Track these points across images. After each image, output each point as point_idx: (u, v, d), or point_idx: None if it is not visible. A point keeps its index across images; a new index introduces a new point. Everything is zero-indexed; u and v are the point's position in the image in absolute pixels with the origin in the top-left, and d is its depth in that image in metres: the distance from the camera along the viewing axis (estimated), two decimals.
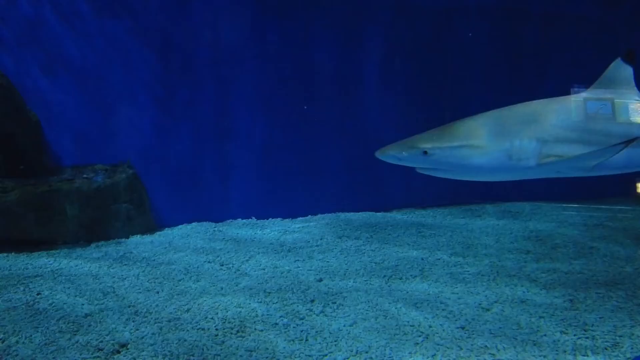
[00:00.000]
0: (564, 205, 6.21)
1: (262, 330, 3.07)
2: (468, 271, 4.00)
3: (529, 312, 3.21)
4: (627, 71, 3.44)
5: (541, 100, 3.39)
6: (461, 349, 2.76)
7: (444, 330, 3.00)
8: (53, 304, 3.49)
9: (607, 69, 3.44)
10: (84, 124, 5.89)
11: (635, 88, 3.49)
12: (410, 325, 3.07)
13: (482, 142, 3.06)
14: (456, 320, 3.12)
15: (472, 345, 2.79)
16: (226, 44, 6.03)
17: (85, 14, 5.78)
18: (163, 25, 5.83)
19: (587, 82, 3.52)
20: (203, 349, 2.85)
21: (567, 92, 3.54)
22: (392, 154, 3.18)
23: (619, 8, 6.68)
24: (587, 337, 2.84)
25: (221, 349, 2.86)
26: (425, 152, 3.06)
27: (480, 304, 3.36)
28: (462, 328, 3.02)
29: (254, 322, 3.17)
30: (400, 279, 3.89)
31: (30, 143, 5.80)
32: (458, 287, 3.67)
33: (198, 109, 5.93)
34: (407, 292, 3.60)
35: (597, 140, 3.14)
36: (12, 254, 4.71)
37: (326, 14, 6.17)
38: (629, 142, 2.95)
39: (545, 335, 2.89)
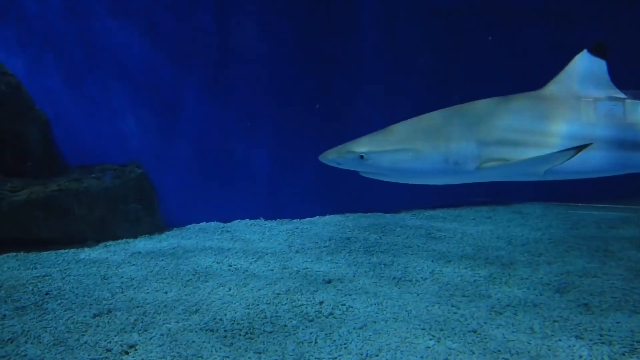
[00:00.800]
0: (576, 206, 6.13)
1: (270, 332, 3.03)
2: (479, 274, 3.94)
3: (542, 316, 3.15)
4: (598, 65, 3.12)
5: (484, 99, 3.13)
6: (474, 353, 2.70)
7: (455, 334, 2.95)
8: (62, 304, 3.48)
9: (570, 63, 3.12)
10: (93, 123, 5.90)
11: (612, 83, 3.16)
12: (422, 329, 3.02)
13: (418, 146, 2.87)
14: (468, 324, 3.07)
15: (484, 349, 2.74)
16: (233, 43, 6.01)
17: (95, 14, 5.79)
18: (171, 25, 5.82)
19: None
20: (212, 351, 2.82)
21: None
22: (332, 159, 3.03)
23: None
24: (603, 342, 2.77)
25: (230, 351, 2.83)
26: (361, 157, 2.92)
27: (492, 308, 3.30)
28: (474, 332, 2.97)
29: (263, 323, 3.14)
30: (410, 281, 3.84)
31: (39, 142, 5.81)
32: (469, 290, 3.62)
33: (206, 109, 5.92)
34: (418, 295, 3.55)
35: (548, 143, 2.87)
36: (21, 253, 4.72)
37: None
38: (581, 147, 2.68)
39: (560, 340, 2.83)
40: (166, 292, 3.66)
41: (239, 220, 5.92)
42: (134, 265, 4.31)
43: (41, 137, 5.89)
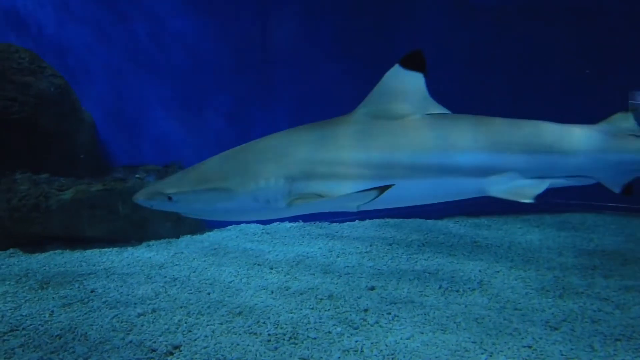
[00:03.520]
0: (630, 216, 5.81)
1: (315, 338, 2.96)
2: (531, 286, 3.76)
3: (603, 334, 2.97)
4: (413, 79, 2.78)
5: (295, 128, 2.88)
6: None
7: (509, 348, 2.81)
8: (106, 302, 3.50)
9: (381, 81, 2.80)
10: (137, 124, 6.00)
11: (431, 99, 2.84)
12: (472, 342, 2.89)
13: (227, 184, 2.63)
14: (522, 339, 2.92)
15: None
16: (276, 45, 6.01)
17: (137, 17, 5.90)
18: (215, 28, 5.87)
19: None
20: (256, 355, 2.78)
21: None
22: (142, 200, 2.79)
23: None
24: None
25: (274, 355, 2.77)
26: (170, 198, 2.69)
27: (547, 322, 3.13)
28: (529, 347, 2.82)
29: (307, 329, 3.07)
30: (457, 291, 3.70)
31: (85, 143, 5.94)
32: (521, 303, 3.45)
33: (247, 110, 5.93)
34: (466, 306, 3.41)
35: (356, 174, 2.64)
36: (67, 250, 4.81)
37: None
38: (384, 188, 2.45)
39: None
40: (209, 293, 3.65)
41: (278, 222, 5.88)
42: (176, 265, 4.32)
43: (87, 137, 6.02)
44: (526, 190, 2.85)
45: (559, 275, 3.98)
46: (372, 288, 3.76)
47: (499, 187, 2.85)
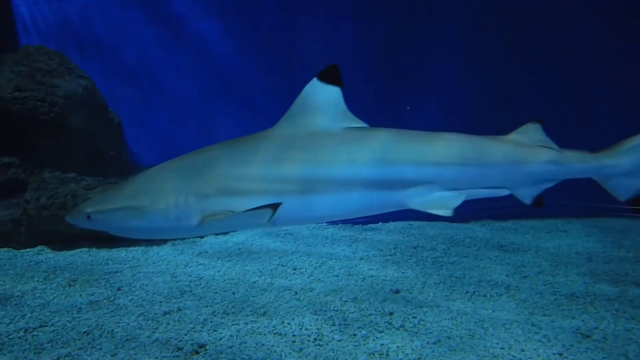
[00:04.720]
0: None
1: (340, 341, 2.95)
2: (560, 292, 3.67)
3: (637, 343, 2.87)
4: (331, 93, 2.76)
5: (215, 145, 2.86)
6: None
7: (538, 355, 2.75)
8: (132, 300, 3.54)
9: (300, 95, 2.80)
10: (162, 125, 6.06)
11: (349, 112, 2.83)
12: (501, 348, 2.83)
13: (140, 203, 2.62)
14: (552, 346, 2.85)
15: None
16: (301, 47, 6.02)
17: (169, 20, 5.97)
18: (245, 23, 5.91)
19: None
20: (281, 355, 2.77)
21: None
22: (69, 220, 2.80)
23: None
24: None
25: (299, 357, 2.77)
26: (88, 217, 2.68)
27: (578, 329, 3.05)
28: (560, 354, 2.75)
29: (332, 331, 3.05)
30: (484, 296, 3.63)
31: (111, 143, 6.04)
32: (550, 309, 3.37)
33: (274, 111, 5.94)
34: (494, 311, 3.34)
35: (268, 189, 2.62)
36: (93, 249, 4.88)
37: None
38: (275, 205, 2.44)
39: None
40: (234, 293, 3.65)
41: None
42: (201, 264, 4.35)
43: (113, 137, 6.13)
44: (445, 202, 2.84)
45: (589, 281, 3.88)
46: (397, 291, 3.72)
47: (418, 200, 2.83)
